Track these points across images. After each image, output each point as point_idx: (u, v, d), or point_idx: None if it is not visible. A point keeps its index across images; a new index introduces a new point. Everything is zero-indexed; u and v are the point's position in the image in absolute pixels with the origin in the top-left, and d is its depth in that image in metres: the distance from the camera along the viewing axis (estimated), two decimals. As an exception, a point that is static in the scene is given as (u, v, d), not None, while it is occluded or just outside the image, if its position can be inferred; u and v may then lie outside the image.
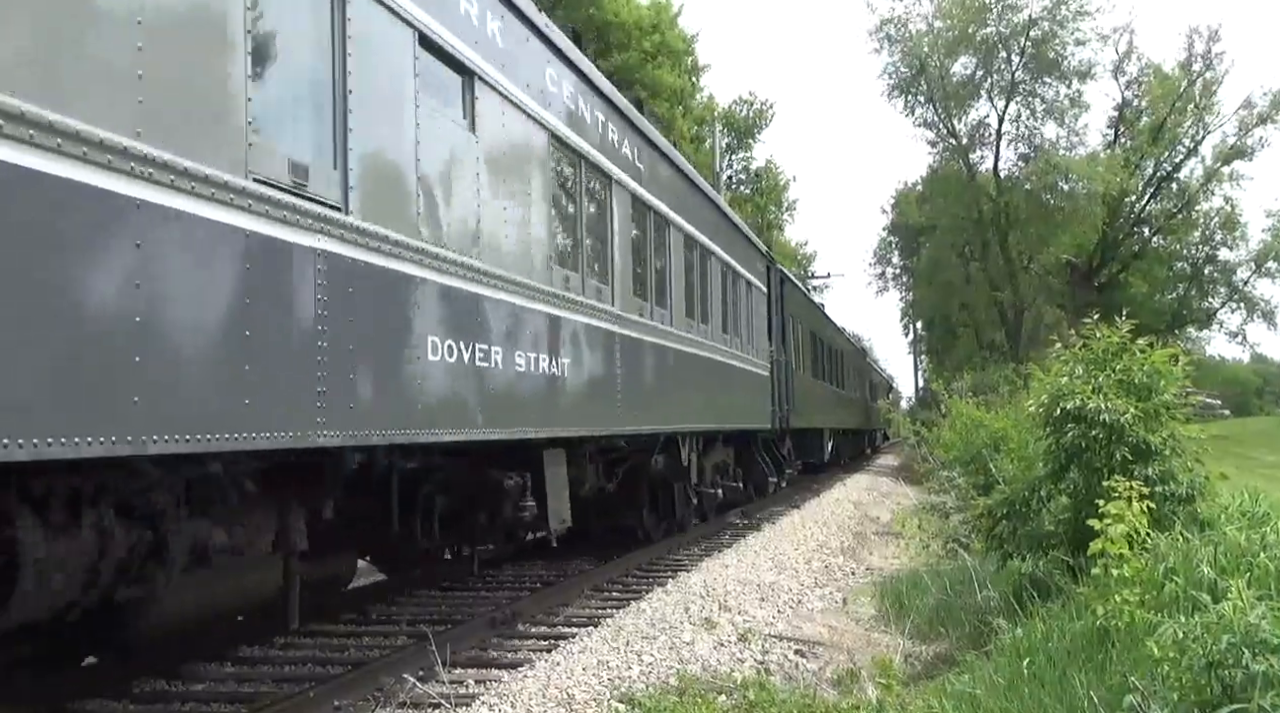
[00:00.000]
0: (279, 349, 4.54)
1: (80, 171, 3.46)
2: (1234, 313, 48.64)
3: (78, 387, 3.44)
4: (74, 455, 3.40)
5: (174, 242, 3.90)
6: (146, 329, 3.74)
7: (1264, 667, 3.48)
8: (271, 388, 4.41)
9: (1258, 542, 5.58)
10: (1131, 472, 6.67)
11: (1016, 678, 5.23)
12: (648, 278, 10.74)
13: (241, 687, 6.27)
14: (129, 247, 3.68)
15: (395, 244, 5.49)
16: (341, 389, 4.92)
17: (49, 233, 3.37)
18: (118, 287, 3.64)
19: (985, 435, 17.33)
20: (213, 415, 4.05)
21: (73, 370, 3.43)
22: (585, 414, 8.47)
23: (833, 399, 28.81)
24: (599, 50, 30.34)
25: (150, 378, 3.73)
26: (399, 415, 5.48)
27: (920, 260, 52.52)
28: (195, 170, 4.01)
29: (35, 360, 3.29)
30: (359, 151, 5.19)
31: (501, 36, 7.04)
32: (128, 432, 3.60)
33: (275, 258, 4.51)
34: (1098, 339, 7.87)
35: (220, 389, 4.11)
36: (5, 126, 3.22)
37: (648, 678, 6.27)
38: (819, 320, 27.84)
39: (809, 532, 14.68)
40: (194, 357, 4.01)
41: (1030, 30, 41.59)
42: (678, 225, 11.85)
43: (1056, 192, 40.77)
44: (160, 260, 3.82)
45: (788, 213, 54.40)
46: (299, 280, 4.67)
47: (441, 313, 6.00)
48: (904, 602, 8.90)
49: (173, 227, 3.89)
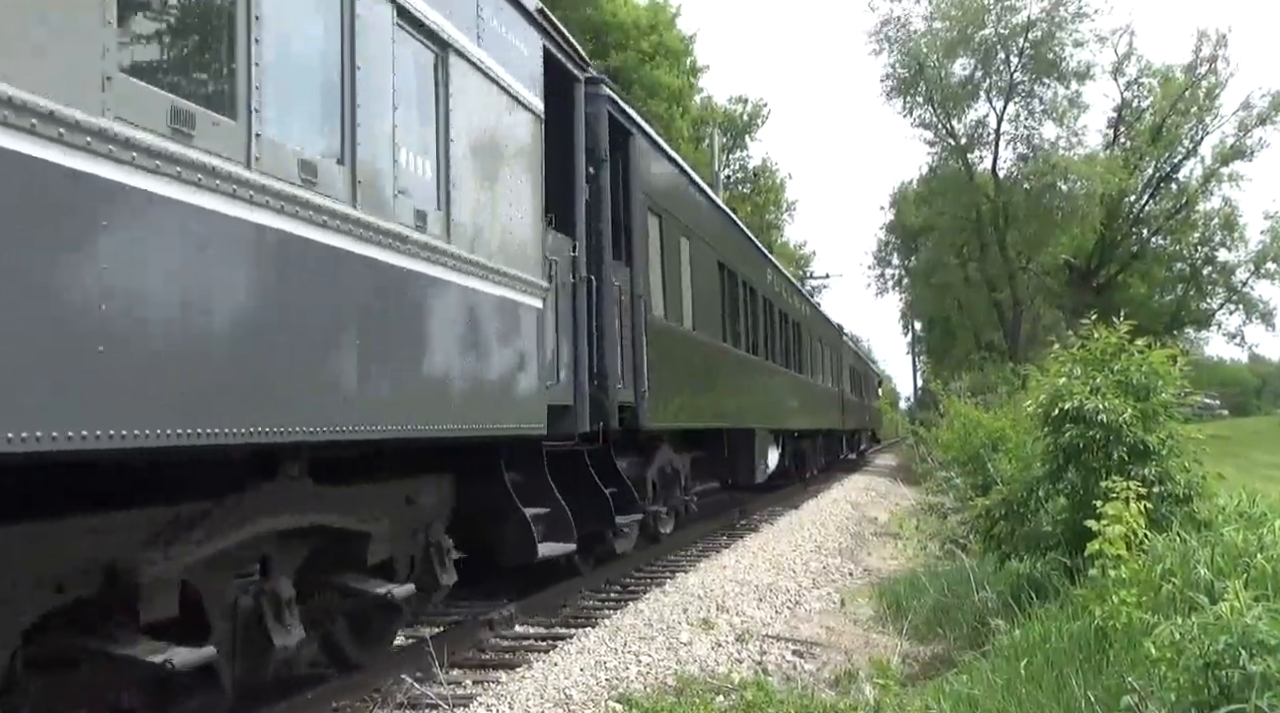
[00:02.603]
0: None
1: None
2: (1232, 314, 48.79)
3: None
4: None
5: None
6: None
7: (1261, 667, 3.47)
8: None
9: (1255, 543, 5.58)
10: (1129, 472, 6.67)
11: (1014, 679, 5.23)
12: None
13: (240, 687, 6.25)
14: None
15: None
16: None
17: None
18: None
19: (983, 436, 17.33)
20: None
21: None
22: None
23: (779, 385, 18.93)
24: (597, 51, 30.33)
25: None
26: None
27: (919, 260, 52.53)
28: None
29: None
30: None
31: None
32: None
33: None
34: (1096, 340, 7.88)
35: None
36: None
37: (645, 679, 6.27)
38: (737, 244, 16.06)
39: (807, 532, 14.67)
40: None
41: (1029, 31, 41.60)
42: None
43: (1055, 192, 40.74)
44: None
45: (787, 213, 54.42)
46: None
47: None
48: (902, 602, 8.89)
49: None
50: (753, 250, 17.97)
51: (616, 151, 9.70)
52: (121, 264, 3.58)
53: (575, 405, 8.30)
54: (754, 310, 17.01)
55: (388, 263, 5.30)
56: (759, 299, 17.43)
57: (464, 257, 6.15)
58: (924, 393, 55.82)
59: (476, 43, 6.48)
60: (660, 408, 10.53)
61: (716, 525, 15.24)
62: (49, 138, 3.28)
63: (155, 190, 3.72)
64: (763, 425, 16.43)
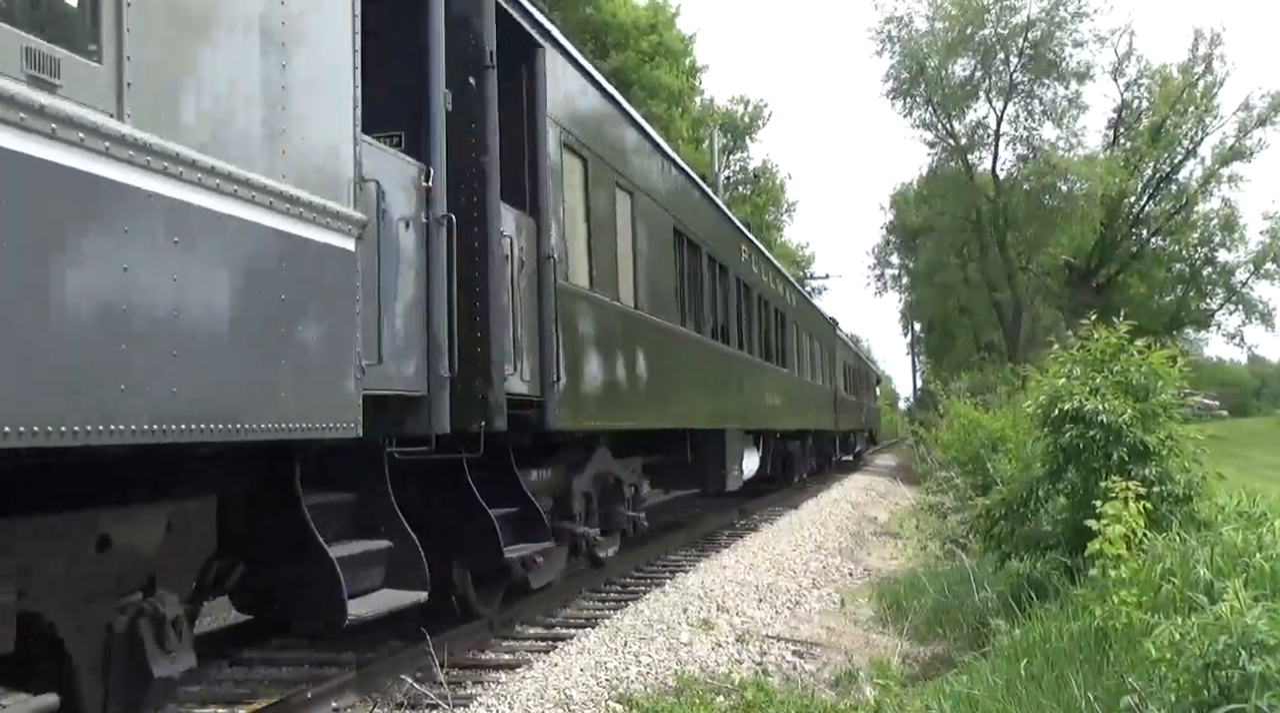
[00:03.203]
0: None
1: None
2: (1232, 314, 48.81)
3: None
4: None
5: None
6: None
7: (1260, 668, 3.48)
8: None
9: (1254, 542, 5.59)
10: (1129, 472, 6.67)
11: (1014, 679, 5.23)
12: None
13: (240, 687, 6.26)
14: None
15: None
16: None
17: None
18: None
19: (983, 436, 17.35)
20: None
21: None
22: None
23: (759, 380, 16.72)
24: (597, 51, 30.34)
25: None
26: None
27: (919, 261, 52.56)
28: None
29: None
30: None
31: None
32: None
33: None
34: (1095, 340, 7.88)
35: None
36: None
37: (645, 679, 6.28)
38: (701, 211, 13.61)
39: (807, 532, 14.68)
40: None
41: (1028, 32, 41.63)
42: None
43: (1055, 192, 40.78)
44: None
45: (787, 214, 54.46)
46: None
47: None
48: (902, 603, 8.90)
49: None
50: (723, 223, 15.21)
51: (517, 63, 7.44)
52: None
53: (429, 397, 5.91)
54: (725, 292, 14.49)
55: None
56: (732, 280, 14.89)
57: (161, 149, 3.63)
58: (924, 393, 55.81)
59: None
60: (580, 403, 8.19)
61: (711, 527, 15.22)
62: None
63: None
64: (736, 426, 14.10)
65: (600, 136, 9.30)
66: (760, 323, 17.26)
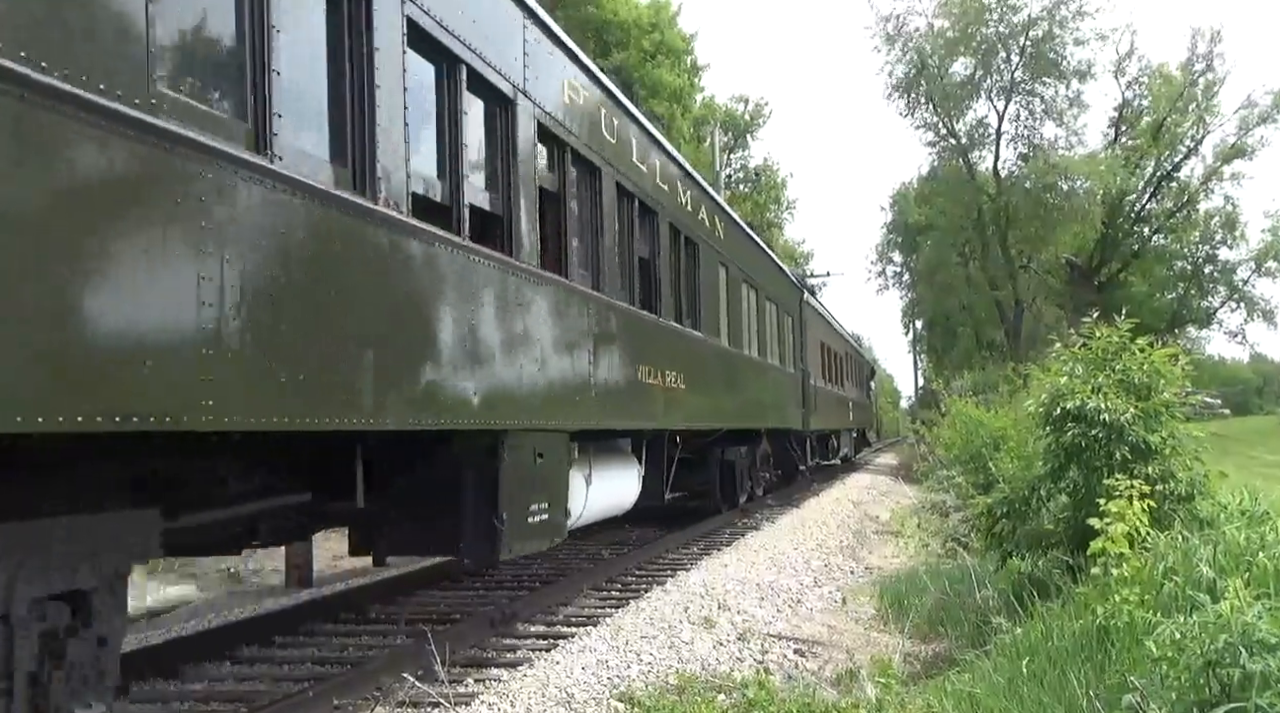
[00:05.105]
0: None
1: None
2: (1234, 312, 48.86)
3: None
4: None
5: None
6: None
7: (1261, 666, 3.48)
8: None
9: (1257, 541, 5.59)
10: (1131, 471, 6.68)
11: (1016, 677, 5.24)
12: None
13: (240, 686, 6.27)
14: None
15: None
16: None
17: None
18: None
19: (985, 434, 17.34)
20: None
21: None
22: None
23: (650, 348, 9.61)
24: (598, 49, 30.33)
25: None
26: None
27: (920, 259, 52.56)
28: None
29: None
30: None
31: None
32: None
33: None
34: (1097, 338, 7.88)
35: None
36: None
37: (647, 677, 6.28)
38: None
39: (808, 531, 14.68)
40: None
41: (1030, 30, 41.59)
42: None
43: (1056, 191, 40.76)
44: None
45: (787, 212, 54.42)
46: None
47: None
48: (903, 601, 8.90)
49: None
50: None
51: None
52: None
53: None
54: (560, 180, 7.69)
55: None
56: (586, 166, 8.27)
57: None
58: (925, 392, 55.76)
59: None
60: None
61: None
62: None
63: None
64: (557, 425, 7.31)
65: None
66: (635, 246, 9.73)
